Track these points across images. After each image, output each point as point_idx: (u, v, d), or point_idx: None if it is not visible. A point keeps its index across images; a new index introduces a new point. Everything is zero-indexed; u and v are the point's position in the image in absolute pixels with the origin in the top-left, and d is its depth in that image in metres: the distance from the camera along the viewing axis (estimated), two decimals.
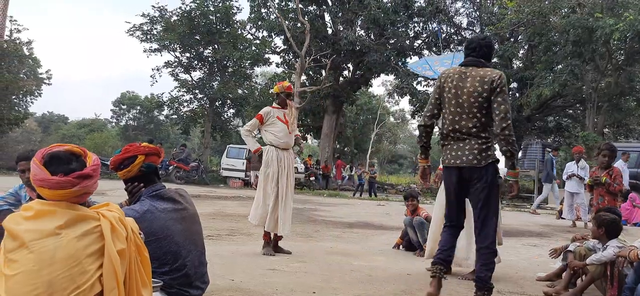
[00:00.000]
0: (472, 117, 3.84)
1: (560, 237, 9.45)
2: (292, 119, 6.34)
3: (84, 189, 1.98)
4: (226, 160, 23.84)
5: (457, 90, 3.87)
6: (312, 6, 28.02)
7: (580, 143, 18.02)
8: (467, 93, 3.83)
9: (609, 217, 4.48)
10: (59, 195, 1.94)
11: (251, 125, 6.28)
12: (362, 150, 41.56)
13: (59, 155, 2.03)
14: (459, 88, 3.87)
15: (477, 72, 3.86)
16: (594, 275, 4.30)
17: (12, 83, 27.55)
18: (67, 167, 1.98)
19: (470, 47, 4.02)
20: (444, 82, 3.96)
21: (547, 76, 21.56)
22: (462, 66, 3.95)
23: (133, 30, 27.81)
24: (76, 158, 2.05)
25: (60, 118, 56.89)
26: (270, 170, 6.07)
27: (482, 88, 3.79)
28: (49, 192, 1.94)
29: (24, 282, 1.80)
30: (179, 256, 2.81)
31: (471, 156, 3.83)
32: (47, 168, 1.97)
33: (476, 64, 3.92)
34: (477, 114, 3.83)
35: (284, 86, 6.42)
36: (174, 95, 29.93)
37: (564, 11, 20.86)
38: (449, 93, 3.92)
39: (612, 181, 5.98)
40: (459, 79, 3.88)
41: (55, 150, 2.05)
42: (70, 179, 1.95)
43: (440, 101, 4.00)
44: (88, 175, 1.99)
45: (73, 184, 1.95)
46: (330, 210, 12.70)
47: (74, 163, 2.02)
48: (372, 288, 4.54)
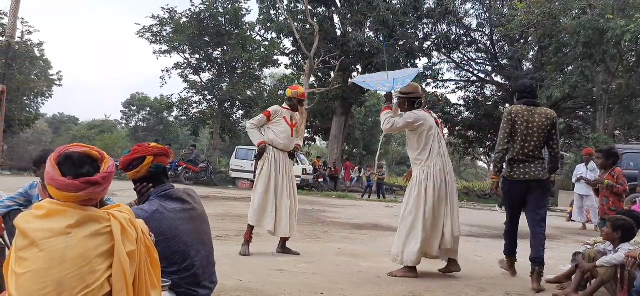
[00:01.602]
0: (538, 144, 4.98)
1: (569, 240, 9.40)
2: (300, 124, 6.33)
3: (89, 195, 1.96)
4: (235, 161, 23.89)
5: (527, 123, 4.95)
6: (321, 8, 28.03)
7: (590, 145, 17.86)
8: (536, 126, 4.95)
9: (625, 221, 4.45)
10: (64, 197, 1.95)
11: (258, 121, 6.23)
12: (370, 151, 41.48)
13: (74, 157, 2.03)
14: (529, 122, 4.95)
15: (540, 111, 5.02)
16: (604, 278, 4.27)
17: (24, 84, 27.84)
18: (78, 171, 1.98)
19: (527, 91, 5.19)
20: (515, 116, 4.99)
21: (557, 78, 21.40)
22: (526, 105, 5.03)
23: (143, 32, 27.99)
24: (91, 163, 2.03)
25: (71, 119, 57.32)
26: (264, 169, 6.03)
27: (547, 122, 4.96)
28: (56, 191, 1.96)
29: (34, 280, 1.81)
30: (188, 256, 2.82)
31: (538, 172, 4.98)
32: (60, 168, 1.98)
33: (535, 104, 5.07)
34: (541, 141, 4.99)
35: (299, 92, 6.35)
36: (184, 97, 30.08)
37: (574, 12, 20.71)
38: (521, 126, 4.95)
39: (615, 182, 6.04)
40: (529, 115, 4.97)
41: (72, 151, 2.05)
42: (76, 183, 1.94)
43: (512, 131, 5.00)
44: (96, 182, 1.98)
45: (78, 188, 1.94)
46: (339, 212, 12.70)
47: (87, 167, 2.01)
48: (380, 289, 4.54)
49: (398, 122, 5.32)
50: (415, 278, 5.09)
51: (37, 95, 32.81)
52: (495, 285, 5.02)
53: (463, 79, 32.43)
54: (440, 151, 5.29)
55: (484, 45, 30.61)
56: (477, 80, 31.88)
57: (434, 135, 5.28)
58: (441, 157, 5.27)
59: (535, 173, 4.97)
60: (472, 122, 29.34)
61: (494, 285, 5.01)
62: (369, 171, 25.55)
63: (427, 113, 5.40)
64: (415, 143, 5.34)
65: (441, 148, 5.31)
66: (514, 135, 5.00)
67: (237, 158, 23.81)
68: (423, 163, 5.26)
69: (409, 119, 5.29)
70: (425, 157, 5.26)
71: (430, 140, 5.25)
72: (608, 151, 6.49)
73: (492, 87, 31.13)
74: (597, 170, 11.11)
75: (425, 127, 5.26)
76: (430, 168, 5.21)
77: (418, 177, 5.25)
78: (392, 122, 5.31)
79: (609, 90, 21.18)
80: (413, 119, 5.28)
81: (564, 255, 7.19)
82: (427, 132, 5.26)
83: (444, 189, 5.19)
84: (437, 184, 5.17)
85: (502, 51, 29.58)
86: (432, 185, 5.16)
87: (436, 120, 5.43)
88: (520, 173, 4.99)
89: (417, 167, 5.30)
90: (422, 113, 5.34)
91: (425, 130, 5.26)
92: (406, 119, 5.30)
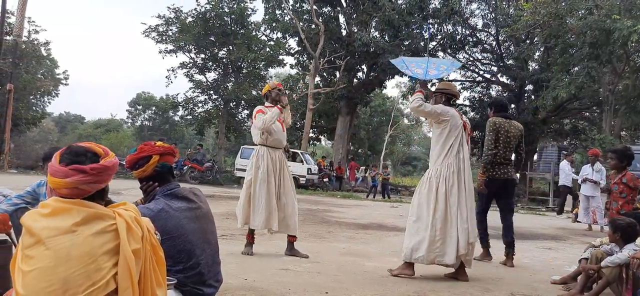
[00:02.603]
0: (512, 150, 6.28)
1: (575, 240, 9.37)
2: (286, 116, 6.25)
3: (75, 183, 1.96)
4: (240, 160, 23.90)
5: (507, 133, 6.18)
6: (326, 8, 28.04)
7: (596, 146, 17.80)
8: (512, 135, 6.23)
9: (624, 221, 4.43)
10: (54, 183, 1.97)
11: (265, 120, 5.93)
12: (375, 151, 41.48)
13: (75, 148, 2.06)
14: (508, 132, 6.20)
15: (514, 124, 6.34)
16: (609, 278, 4.26)
17: (30, 83, 27.98)
18: (74, 159, 2.01)
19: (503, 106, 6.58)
20: (499, 127, 6.17)
21: (563, 78, 21.33)
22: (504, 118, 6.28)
23: (149, 32, 28.08)
24: (91, 156, 2.06)
25: (77, 118, 57.60)
26: (261, 171, 5.89)
27: (519, 132, 6.32)
28: (50, 178, 1.98)
29: (40, 278, 1.82)
30: (193, 255, 2.83)
31: (511, 173, 6.33)
32: (61, 159, 2.01)
33: (510, 117, 6.45)
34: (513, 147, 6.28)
35: (274, 84, 6.32)
36: (189, 96, 30.15)
37: (580, 13, 20.63)
38: (503, 135, 6.17)
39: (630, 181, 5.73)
40: (509, 126, 6.23)
41: (76, 146, 2.09)
42: (63, 169, 1.96)
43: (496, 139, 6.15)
44: (83, 170, 1.99)
45: (65, 175, 1.96)
46: (344, 212, 12.70)
47: (85, 159, 2.03)
48: (384, 289, 4.53)
49: (427, 106, 5.28)
50: (411, 276, 5.03)
51: (43, 94, 32.96)
52: (500, 285, 5.00)
53: (468, 79, 32.39)
54: (460, 154, 5.19)
55: (489, 46, 30.55)
56: (482, 81, 31.82)
57: (457, 136, 5.21)
58: (459, 161, 5.16)
59: (510, 174, 6.31)
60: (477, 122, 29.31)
61: (498, 286, 5.00)
62: (374, 171, 25.56)
63: (457, 113, 5.36)
64: (436, 136, 5.30)
65: (462, 153, 5.21)
66: (497, 142, 6.14)
67: (243, 157, 23.83)
68: (439, 161, 5.19)
69: (437, 109, 5.28)
70: (442, 154, 5.18)
71: (451, 139, 5.18)
72: (622, 152, 5.94)
73: (498, 87, 31.07)
74: (603, 170, 11.12)
75: (450, 124, 5.20)
76: (443, 168, 5.13)
77: (429, 174, 5.20)
78: (422, 103, 5.24)
79: (615, 91, 21.09)
80: (441, 110, 5.26)
81: (569, 255, 7.17)
82: (449, 130, 5.20)
83: (456, 193, 5.06)
84: (448, 185, 5.06)
85: (508, 51, 29.51)
86: (444, 185, 5.07)
87: (465, 123, 5.36)
88: (501, 173, 6.21)
89: (433, 164, 5.24)
90: (452, 110, 5.32)
91: (448, 127, 5.20)
92: (435, 108, 5.30)
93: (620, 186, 5.75)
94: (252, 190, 5.90)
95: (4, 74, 15.45)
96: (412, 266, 5.13)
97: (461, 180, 5.12)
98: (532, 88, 28.56)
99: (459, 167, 5.15)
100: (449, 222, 5.04)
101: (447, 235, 5.02)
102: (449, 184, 5.08)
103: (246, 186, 5.98)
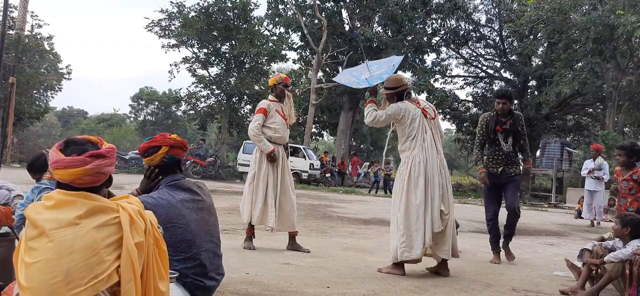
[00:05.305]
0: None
1: (577, 237, 9.36)
2: (289, 109, 6.24)
3: (97, 168, 1.98)
4: (242, 155, 23.90)
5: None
6: (329, 2, 27.98)
7: (599, 142, 17.76)
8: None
9: (635, 217, 4.40)
10: (71, 174, 1.96)
11: (258, 124, 5.94)
12: (378, 147, 41.44)
13: (75, 140, 2.08)
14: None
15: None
16: (611, 274, 4.24)
17: (33, 77, 28.03)
18: (81, 148, 2.02)
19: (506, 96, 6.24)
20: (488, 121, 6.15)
21: (566, 74, 21.29)
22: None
23: (151, 26, 28.06)
24: (92, 144, 2.08)
25: (80, 112, 57.70)
26: (264, 166, 5.89)
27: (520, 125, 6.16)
28: (62, 172, 1.97)
29: (43, 270, 1.83)
30: (194, 245, 2.85)
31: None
32: (63, 153, 2.02)
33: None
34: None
35: (282, 77, 6.25)
36: (192, 91, 30.16)
37: (584, 8, 20.58)
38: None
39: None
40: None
41: (73, 138, 2.10)
42: (82, 157, 1.97)
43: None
44: (101, 154, 2.00)
45: (85, 162, 1.96)
46: (346, 207, 12.71)
47: (89, 146, 2.05)
48: (386, 284, 4.54)
49: (381, 116, 5.20)
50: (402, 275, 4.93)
51: (46, 88, 32.99)
52: (502, 281, 5.01)
53: (471, 75, 32.30)
54: (424, 144, 5.06)
55: (492, 41, 30.48)
56: (485, 76, 31.75)
57: (417, 127, 5.09)
58: (424, 151, 5.03)
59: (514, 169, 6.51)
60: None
61: (500, 281, 5.00)
62: (376, 166, 25.54)
63: (412, 103, 5.21)
64: (399, 133, 5.24)
65: (426, 141, 5.07)
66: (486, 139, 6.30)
67: (245, 152, 23.82)
68: (404, 155, 5.13)
69: (390, 112, 5.18)
70: (407, 149, 5.11)
71: (414, 132, 5.09)
72: (630, 148, 5.74)
73: (501, 83, 30.99)
74: (606, 165, 11.10)
75: (408, 118, 5.11)
76: (409, 160, 5.05)
77: (400, 169, 5.17)
78: (375, 115, 5.20)
79: (619, 87, 21.02)
80: (393, 111, 5.15)
81: (571, 252, 7.16)
82: (409, 123, 5.10)
83: (422, 184, 4.93)
84: (414, 176, 4.97)
85: (511, 47, 29.43)
86: (407, 177, 5.00)
87: (424, 110, 5.21)
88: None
89: (402, 158, 5.17)
90: (406, 104, 5.17)
91: (407, 121, 5.11)
92: (388, 113, 5.19)
93: (630, 182, 5.67)
94: (254, 184, 5.92)
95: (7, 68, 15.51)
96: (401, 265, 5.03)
97: (428, 170, 4.99)
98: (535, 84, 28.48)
99: (426, 156, 5.02)
100: (413, 216, 4.93)
101: (412, 229, 4.92)
102: (414, 174, 4.98)
103: (248, 181, 6.01)
